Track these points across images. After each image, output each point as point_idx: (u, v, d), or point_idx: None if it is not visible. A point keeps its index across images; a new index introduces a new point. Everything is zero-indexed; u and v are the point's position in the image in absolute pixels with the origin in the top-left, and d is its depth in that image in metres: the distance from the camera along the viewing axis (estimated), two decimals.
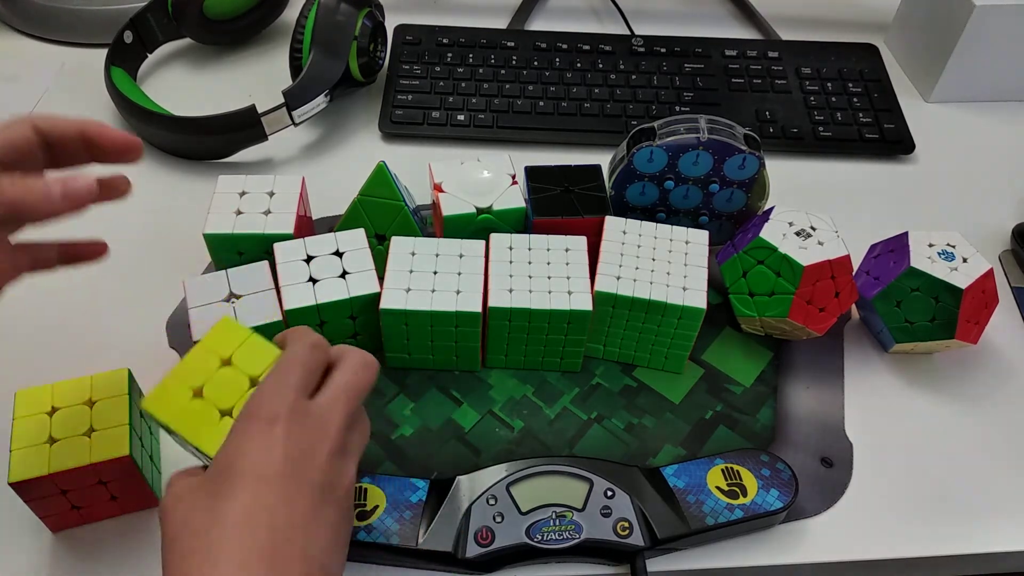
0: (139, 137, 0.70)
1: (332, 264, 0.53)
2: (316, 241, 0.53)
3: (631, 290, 0.52)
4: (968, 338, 0.54)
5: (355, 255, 0.53)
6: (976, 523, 0.50)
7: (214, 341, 0.42)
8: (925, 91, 0.80)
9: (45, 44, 0.81)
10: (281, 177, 0.57)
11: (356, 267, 0.52)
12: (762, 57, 0.80)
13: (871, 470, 0.52)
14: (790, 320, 0.53)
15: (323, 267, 0.52)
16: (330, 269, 0.52)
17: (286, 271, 0.52)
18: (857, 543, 0.49)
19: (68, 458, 0.43)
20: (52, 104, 0.74)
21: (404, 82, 0.75)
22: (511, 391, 0.55)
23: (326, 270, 0.52)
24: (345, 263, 0.52)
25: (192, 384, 0.41)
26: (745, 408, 0.55)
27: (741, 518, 0.46)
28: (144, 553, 0.46)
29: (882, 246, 0.58)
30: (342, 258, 0.53)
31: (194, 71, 0.79)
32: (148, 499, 0.47)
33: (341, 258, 0.53)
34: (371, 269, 0.52)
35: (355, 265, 0.52)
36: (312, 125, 0.73)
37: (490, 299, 0.51)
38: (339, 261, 0.53)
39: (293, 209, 0.56)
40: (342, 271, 0.52)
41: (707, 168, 0.59)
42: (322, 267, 0.52)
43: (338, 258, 0.53)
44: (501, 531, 0.45)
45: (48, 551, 0.46)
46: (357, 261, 0.53)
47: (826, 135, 0.73)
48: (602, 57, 0.78)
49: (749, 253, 0.55)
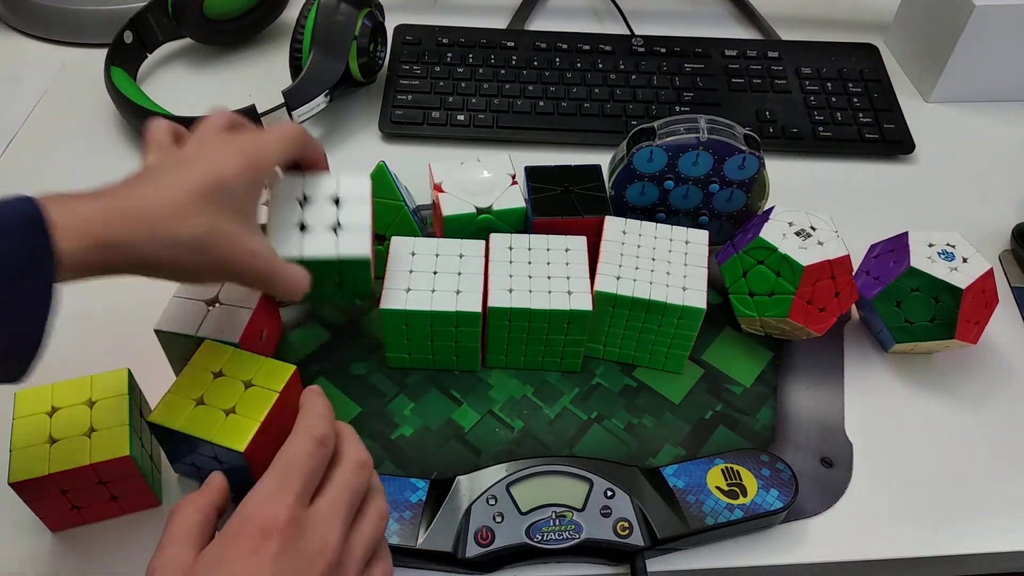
0: (139, 137, 0.70)
1: (327, 212, 0.48)
2: (316, 181, 0.49)
3: (631, 290, 0.52)
4: (968, 338, 0.54)
5: (353, 208, 0.49)
6: (976, 523, 0.50)
7: (203, 360, 0.46)
8: (925, 91, 0.80)
9: (45, 44, 0.81)
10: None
11: (351, 222, 0.48)
12: (762, 57, 0.80)
13: (871, 470, 0.52)
14: (790, 320, 0.53)
15: (317, 213, 0.48)
16: (324, 217, 0.48)
17: (277, 209, 0.48)
18: (857, 543, 0.49)
19: (68, 458, 0.43)
20: (52, 105, 0.74)
21: (404, 82, 0.75)
22: (511, 391, 0.55)
23: (319, 217, 0.48)
24: (341, 215, 0.48)
25: (192, 396, 0.45)
26: (745, 408, 0.55)
27: (741, 518, 0.46)
28: (144, 553, 0.46)
29: (882, 246, 0.58)
30: (339, 207, 0.49)
31: (194, 71, 0.79)
32: (148, 499, 0.47)
33: (338, 207, 0.49)
34: (367, 227, 0.48)
35: (351, 218, 0.48)
36: (312, 125, 0.73)
37: (490, 299, 0.51)
38: (335, 211, 0.48)
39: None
40: (336, 222, 0.48)
41: (707, 168, 0.59)
42: (315, 213, 0.48)
43: (335, 206, 0.49)
44: (501, 531, 0.45)
45: (48, 551, 0.46)
46: (354, 214, 0.48)
47: (826, 135, 0.73)
48: (602, 57, 0.78)
49: (749, 253, 0.55)
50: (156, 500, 0.48)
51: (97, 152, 0.69)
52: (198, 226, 0.40)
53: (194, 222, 0.40)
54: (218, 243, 0.41)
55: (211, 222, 0.40)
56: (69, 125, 0.72)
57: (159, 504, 0.48)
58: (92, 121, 0.72)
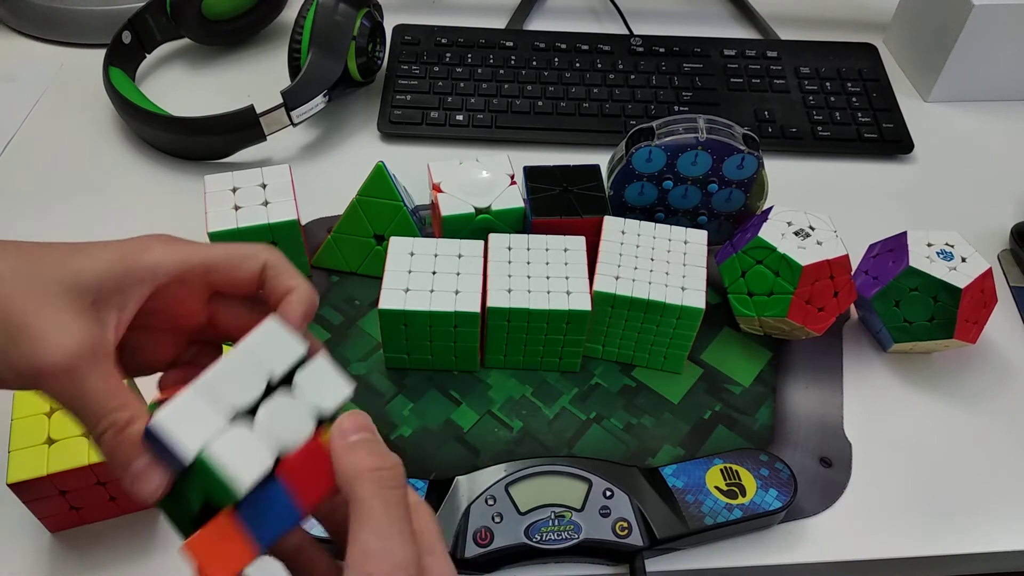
0: (137, 137, 0.70)
1: (256, 194, 0.56)
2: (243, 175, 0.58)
3: (630, 290, 0.52)
4: (967, 338, 0.54)
5: (277, 186, 0.57)
6: (975, 522, 0.50)
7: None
8: (924, 91, 0.80)
9: (43, 44, 0.81)
10: (268, 168, 0.58)
11: (277, 198, 0.56)
12: (761, 57, 0.80)
13: (870, 470, 0.52)
14: (789, 320, 0.53)
15: (246, 197, 0.56)
16: (253, 199, 0.56)
17: (213, 199, 0.56)
18: (856, 543, 0.49)
19: (67, 459, 0.43)
20: (50, 105, 0.74)
21: (403, 82, 0.75)
22: (510, 391, 0.55)
23: (250, 200, 0.56)
24: (268, 194, 0.56)
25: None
26: (744, 408, 0.54)
27: (740, 518, 0.46)
28: (143, 554, 0.46)
29: (881, 246, 0.58)
30: (265, 190, 0.57)
31: (192, 71, 0.79)
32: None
33: (264, 190, 0.57)
34: (290, 199, 0.56)
35: (276, 196, 0.56)
36: (311, 125, 0.73)
37: (489, 299, 0.51)
38: (263, 192, 0.56)
39: (290, 195, 0.57)
40: (264, 201, 0.56)
41: (706, 168, 0.59)
42: (246, 197, 0.56)
43: (262, 189, 0.57)
44: (500, 531, 0.45)
45: (47, 552, 0.46)
46: (278, 192, 0.57)
47: (825, 135, 0.73)
48: (601, 57, 0.78)
49: (748, 253, 0.55)
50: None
51: (95, 153, 0.69)
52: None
53: None
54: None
55: None
56: (67, 126, 0.72)
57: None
58: (90, 122, 0.72)
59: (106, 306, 0.32)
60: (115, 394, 0.30)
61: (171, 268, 0.33)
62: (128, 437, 0.29)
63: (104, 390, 0.30)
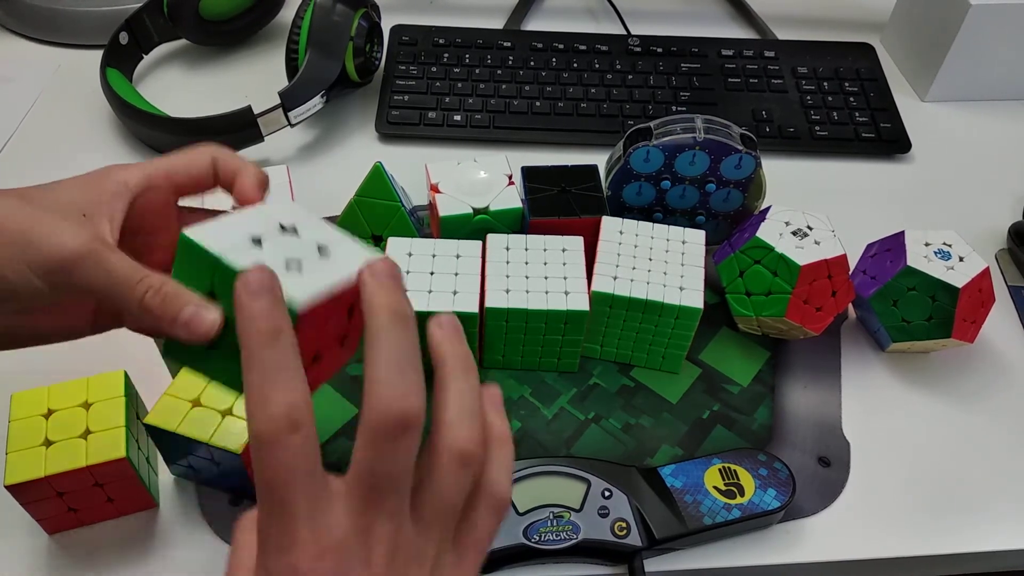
0: (135, 138, 0.70)
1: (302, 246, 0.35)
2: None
3: (628, 290, 0.52)
4: (965, 337, 0.54)
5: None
6: (974, 521, 0.50)
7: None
8: (921, 90, 0.80)
9: (41, 45, 0.81)
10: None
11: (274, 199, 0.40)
12: (758, 57, 0.80)
13: (868, 469, 0.52)
14: (787, 319, 0.53)
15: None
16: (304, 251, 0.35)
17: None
18: (855, 542, 0.49)
19: (64, 460, 0.43)
20: (48, 106, 0.74)
21: (400, 83, 0.75)
22: (508, 391, 0.55)
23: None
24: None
25: (189, 397, 0.45)
26: (742, 408, 0.55)
27: (738, 518, 0.46)
28: (140, 555, 0.46)
29: (879, 245, 0.58)
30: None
31: (190, 72, 0.79)
32: (145, 501, 0.47)
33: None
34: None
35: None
36: (308, 126, 0.73)
37: (487, 300, 0.51)
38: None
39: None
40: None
41: (704, 168, 0.59)
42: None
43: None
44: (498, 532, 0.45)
45: (44, 553, 0.46)
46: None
47: (822, 134, 0.73)
48: (598, 57, 0.78)
49: (746, 253, 0.55)
50: (153, 502, 0.48)
51: (93, 153, 0.69)
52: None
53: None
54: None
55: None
56: (65, 127, 0.72)
57: (156, 506, 0.48)
58: (88, 122, 0.72)
59: (97, 217, 0.36)
60: (138, 267, 0.34)
61: (139, 178, 0.38)
62: (168, 291, 0.32)
63: (128, 264, 0.34)
